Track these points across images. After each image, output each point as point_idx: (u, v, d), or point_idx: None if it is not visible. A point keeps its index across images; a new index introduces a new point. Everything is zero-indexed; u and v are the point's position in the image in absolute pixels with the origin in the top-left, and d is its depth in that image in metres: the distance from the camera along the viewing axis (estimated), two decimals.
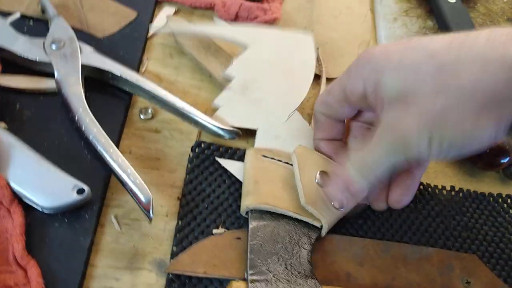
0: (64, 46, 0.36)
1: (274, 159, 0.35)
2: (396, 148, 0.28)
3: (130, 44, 0.40)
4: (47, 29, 0.37)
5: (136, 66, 0.39)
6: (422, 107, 0.26)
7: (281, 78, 0.39)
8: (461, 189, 0.38)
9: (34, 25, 0.39)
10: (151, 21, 0.43)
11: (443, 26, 0.47)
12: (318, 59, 0.43)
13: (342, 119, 0.35)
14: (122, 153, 0.31)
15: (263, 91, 0.39)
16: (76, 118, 0.33)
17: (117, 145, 0.35)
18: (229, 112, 0.37)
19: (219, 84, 0.39)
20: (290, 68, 0.40)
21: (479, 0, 0.52)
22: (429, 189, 0.38)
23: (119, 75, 0.36)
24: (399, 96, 0.27)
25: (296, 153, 0.33)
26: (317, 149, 0.35)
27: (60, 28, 0.37)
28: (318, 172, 0.33)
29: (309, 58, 0.41)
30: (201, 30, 0.41)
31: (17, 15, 0.38)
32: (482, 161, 0.39)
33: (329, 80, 0.43)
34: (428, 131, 0.26)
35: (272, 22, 0.44)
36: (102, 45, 0.39)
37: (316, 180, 0.32)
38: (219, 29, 0.42)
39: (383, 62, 0.29)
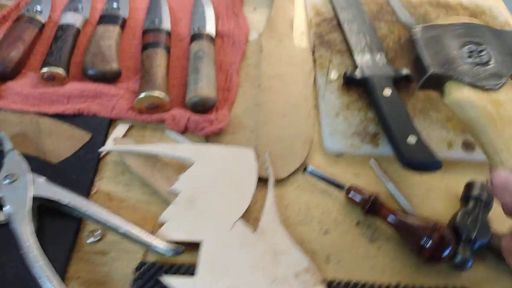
0: (16, 180, 0.39)
1: None
2: None
3: (83, 166, 0.44)
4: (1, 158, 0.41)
5: (87, 188, 0.42)
6: None
7: (225, 190, 0.42)
8: (406, 286, 0.39)
9: None
10: (105, 141, 0.46)
11: (381, 117, 0.50)
12: (265, 163, 0.46)
13: None
14: (70, 280, 0.33)
15: (208, 203, 0.41)
16: (24, 250, 0.35)
17: (65, 272, 0.37)
18: (175, 227, 0.39)
19: (167, 200, 0.42)
20: (234, 180, 0.43)
21: (415, 88, 0.55)
22: None
23: (68, 204, 0.38)
24: None
25: None
26: None
27: (14, 162, 0.40)
28: None
29: (251, 170, 0.43)
30: (147, 149, 0.44)
31: None
32: (425, 254, 0.40)
33: (278, 181, 0.46)
34: None
35: (219, 131, 0.47)
36: (56, 170, 0.43)
37: None
38: (164, 148, 0.45)
39: None
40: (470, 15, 0.67)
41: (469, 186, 0.45)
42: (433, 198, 0.47)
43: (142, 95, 0.47)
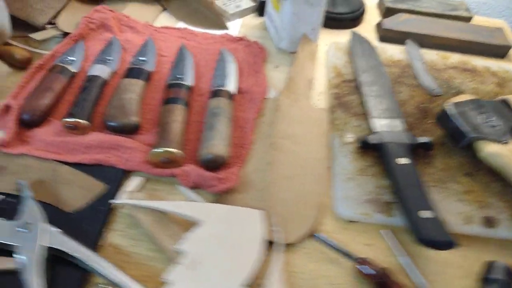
0: (31, 229, 0.40)
1: None
2: None
3: (94, 217, 0.44)
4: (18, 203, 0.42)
5: (96, 239, 0.43)
6: None
7: (229, 252, 0.41)
8: None
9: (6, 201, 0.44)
10: (118, 192, 0.47)
11: (394, 185, 0.49)
12: (273, 226, 0.45)
13: None
14: None
15: (211, 266, 0.40)
16: None
17: None
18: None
19: (171, 258, 0.42)
20: (239, 243, 0.42)
21: (434, 156, 0.54)
22: None
23: (78, 257, 0.39)
24: None
25: None
26: None
27: (31, 210, 0.42)
28: None
29: (257, 233, 0.43)
30: (156, 205, 0.44)
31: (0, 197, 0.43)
32: None
33: (288, 245, 0.45)
34: None
35: (227, 190, 0.48)
36: (69, 219, 0.44)
37: None
38: (173, 205, 0.45)
39: None
40: (498, 82, 0.66)
41: (489, 267, 0.43)
42: (450, 275, 0.44)
43: (157, 149, 0.48)
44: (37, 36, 0.62)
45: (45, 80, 0.55)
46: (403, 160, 0.50)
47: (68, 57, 0.60)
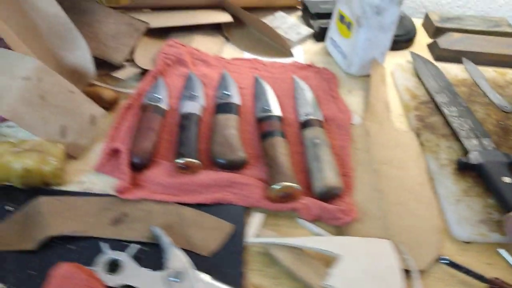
0: (184, 278, 0.40)
1: None
2: None
3: (231, 259, 0.44)
4: (159, 252, 0.42)
5: (239, 281, 0.43)
6: None
7: (376, 285, 0.42)
8: None
9: (150, 252, 0.44)
10: (244, 231, 0.47)
11: (503, 205, 0.50)
12: (404, 254, 0.46)
13: None
14: None
15: None
16: None
17: None
18: None
19: None
20: (381, 275, 0.43)
21: None
22: None
23: None
24: None
25: None
26: None
27: (176, 258, 0.41)
28: None
29: (393, 263, 0.44)
30: (292, 242, 0.45)
31: (136, 247, 0.43)
32: None
33: (422, 271, 0.46)
34: None
35: (352, 221, 0.48)
36: (207, 263, 0.44)
37: None
38: (308, 241, 0.45)
39: None
40: None
41: None
42: None
43: (278, 185, 0.49)
44: (121, 75, 0.62)
45: (144, 121, 0.55)
46: (507, 179, 0.52)
47: (155, 95, 0.60)
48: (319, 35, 0.78)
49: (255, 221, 0.48)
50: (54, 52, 0.60)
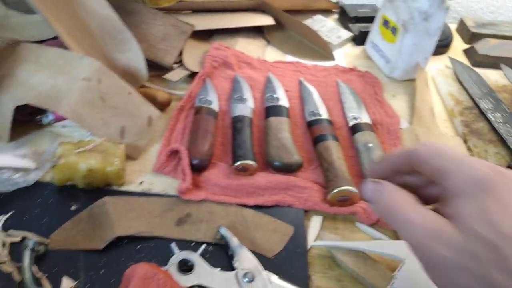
0: (254, 279, 0.40)
1: None
2: None
3: (295, 261, 0.45)
4: (225, 252, 0.43)
5: (306, 283, 0.43)
6: None
7: None
8: None
9: (214, 250, 0.45)
10: (303, 233, 0.48)
11: None
12: None
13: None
14: None
15: None
16: None
17: None
18: None
19: None
20: None
21: None
22: None
23: None
24: None
25: None
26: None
27: (246, 259, 0.42)
28: None
29: None
30: (356, 245, 0.45)
31: (203, 246, 0.43)
32: None
33: None
34: None
35: None
36: (272, 264, 0.44)
37: None
38: (373, 244, 0.46)
39: None
40: None
41: None
42: None
43: (337, 189, 0.49)
44: (173, 77, 0.62)
45: (200, 124, 0.55)
46: None
47: (205, 97, 0.60)
48: (359, 39, 0.79)
49: (314, 224, 0.49)
50: (106, 54, 0.60)
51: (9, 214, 0.45)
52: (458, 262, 0.27)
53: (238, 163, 0.51)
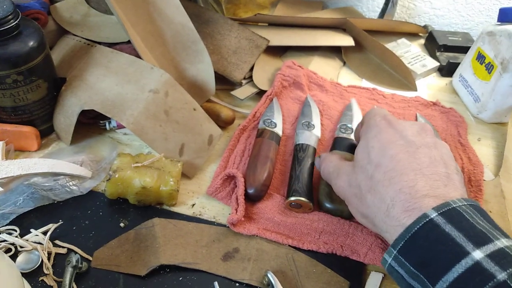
0: None
1: None
2: None
3: None
4: None
5: None
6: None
7: None
8: None
9: None
10: None
11: None
12: None
13: None
14: None
15: None
16: None
17: None
18: None
19: None
20: None
21: None
22: None
23: None
24: None
25: None
26: None
27: None
28: None
29: None
30: None
31: None
32: None
33: None
34: None
35: None
36: None
37: None
38: None
39: None
40: None
41: None
42: None
43: None
44: (240, 95, 0.60)
45: (261, 149, 0.52)
46: None
47: (270, 119, 0.57)
48: (446, 70, 0.71)
49: (373, 282, 0.44)
50: (176, 64, 0.59)
51: (58, 224, 0.44)
52: (350, 190, 0.42)
53: (292, 198, 0.47)
